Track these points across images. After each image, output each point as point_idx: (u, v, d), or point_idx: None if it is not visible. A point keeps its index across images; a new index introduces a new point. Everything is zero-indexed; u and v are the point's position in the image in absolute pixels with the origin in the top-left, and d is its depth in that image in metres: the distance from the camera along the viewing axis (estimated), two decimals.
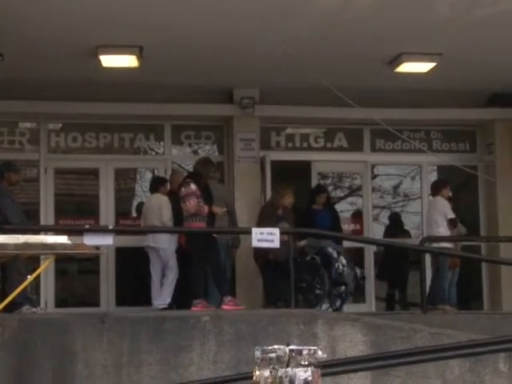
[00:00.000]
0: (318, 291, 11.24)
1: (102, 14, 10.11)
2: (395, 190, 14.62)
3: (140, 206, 13.36)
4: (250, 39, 10.98)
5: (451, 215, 12.24)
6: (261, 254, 11.40)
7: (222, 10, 10.12)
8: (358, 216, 14.05)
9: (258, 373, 5.63)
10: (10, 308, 9.16)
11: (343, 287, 11.51)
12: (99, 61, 11.42)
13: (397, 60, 11.86)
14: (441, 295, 12.07)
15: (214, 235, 11.07)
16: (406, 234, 14.14)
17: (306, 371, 5.48)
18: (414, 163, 14.31)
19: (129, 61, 11.51)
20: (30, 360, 9.21)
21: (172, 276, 11.12)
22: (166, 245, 11.22)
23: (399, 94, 13.07)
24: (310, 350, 5.67)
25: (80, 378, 9.27)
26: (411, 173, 14.50)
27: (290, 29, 10.55)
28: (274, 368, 5.56)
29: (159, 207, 11.39)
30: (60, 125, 13.55)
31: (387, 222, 14.34)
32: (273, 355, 5.62)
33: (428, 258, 12.70)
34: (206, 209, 10.91)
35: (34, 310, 10.56)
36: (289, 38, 10.82)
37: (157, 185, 11.91)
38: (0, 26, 10.27)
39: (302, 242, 11.74)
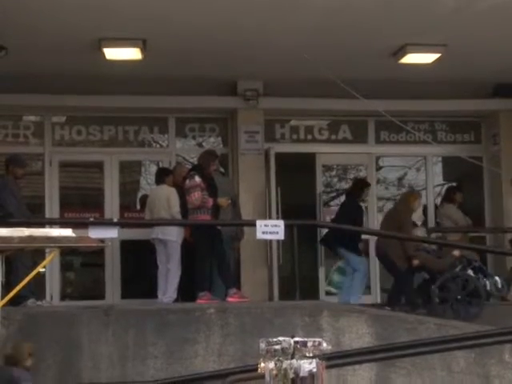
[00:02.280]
0: (469, 303, 11.15)
1: (105, 7, 10.09)
2: (400, 182, 14.60)
3: (143, 198, 13.36)
4: (253, 31, 10.95)
5: None
6: (405, 256, 11.43)
7: (225, 2, 10.10)
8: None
9: (263, 365, 5.63)
10: (15, 301, 9.17)
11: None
12: (103, 53, 11.41)
13: (401, 51, 11.83)
14: None
15: (219, 227, 11.07)
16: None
17: (310, 363, 5.48)
18: (419, 154, 14.29)
19: (132, 53, 11.50)
20: (36, 353, 9.22)
21: (174, 269, 11.08)
22: (174, 237, 11.18)
23: (403, 86, 13.04)
24: (314, 341, 5.67)
25: (85, 370, 9.30)
26: (416, 164, 14.48)
27: (293, 20, 10.53)
28: (278, 360, 5.56)
29: (167, 199, 11.33)
30: (64, 118, 13.54)
31: None
32: (278, 347, 5.62)
33: None
34: (210, 201, 10.91)
35: (39, 303, 10.58)
36: (292, 29, 10.81)
37: (162, 176, 11.88)
38: (4, 20, 10.27)
39: (456, 252, 11.64)
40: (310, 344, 5.59)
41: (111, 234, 10.05)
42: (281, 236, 10.24)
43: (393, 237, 11.39)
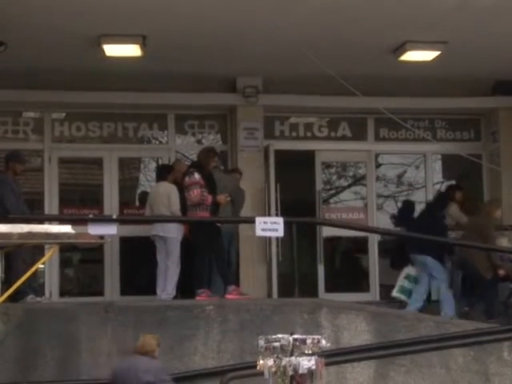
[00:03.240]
0: None
1: (105, 3, 10.09)
2: (399, 179, 14.60)
3: (142, 195, 13.37)
4: (253, 28, 10.95)
5: None
6: (490, 266, 11.46)
7: None
8: (362, 205, 14.06)
9: (261, 362, 5.64)
10: (14, 297, 9.18)
11: None
12: (102, 50, 11.40)
13: (401, 48, 11.83)
14: None
15: (218, 224, 11.07)
16: None
17: (309, 360, 5.49)
18: (419, 152, 14.29)
19: (132, 50, 11.50)
20: (35, 349, 9.23)
21: (174, 267, 11.08)
22: (174, 234, 11.18)
23: (403, 83, 13.04)
24: (313, 339, 5.68)
25: (84, 366, 9.29)
26: (415, 162, 14.48)
27: (293, 17, 10.52)
28: (277, 357, 5.57)
29: (168, 196, 11.32)
30: (64, 114, 13.54)
31: (396, 210, 14.32)
32: (277, 344, 5.63)
33: None
34: (209, 198, 10.91)
35: (38, 299, 10.58)
36: (292, 26, 10.81)
37: (164, 173, 11.88)
38: (3, 15, 10.26)
39: None
40: (309, 341, 5.60)
41: (110, 230, 10.03)
42: (280, 233, 10.23)
43: (475, 247, 11.34)
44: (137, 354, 8.22)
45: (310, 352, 5.58)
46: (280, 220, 10.22)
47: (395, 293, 11.98)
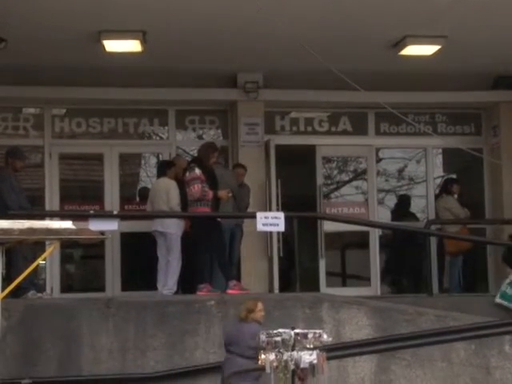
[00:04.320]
0: None
1: None
2: (400, 174, 14.59)
3: (142, 190, 13.37)
4: (254, 23, 10.94)
5: None
6: None
7: None
8: (363, 199, 14.07)
9: (263, 356, 5.66)
10: (15, 293, 9.19)
11: None
12: (103, 46, 11.40)
13: (401, 43, 11.82)
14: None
15: (219, 219, 11.08)
16: (413, 217, 14.12)
17: (311, 354, 5.50)
18: (419, 146, 14.27)
19: (132, 45, 11.49)
20: (36, 345, 9.24)
21: (175, 263, 11.09)
22: (174, 230, 11.20)
23: (404, 77, 13.02)
24: (315, 333, 5.69)
25: (86, 362, 9.32)
26: (416, 156, 14.47)
27: (294, 12, 10.51)
28: (279, 351, 5.58)
29: (167, 192, 11.34)
30: (64, 110, 13.53)
31: (393, 205, 14.34)
32: (278, 339, 5.65)
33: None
34: (210, 194, 10.91)
35: (39, 295, 10.60)
36: (292, 21, 10.79)
37: (164, 168, 11.88)
38: (3, 12, 10.26)
39: None
40: (310, 336, 5.61)
41: (111, 226, 10.05)
42: (281, 228, 10.24)
43: None
44: (241, 321, 8.68)
45: (312, 346, 5.59)
46: (281, 215, 10.23)
47: (498, 299, 11.91)
